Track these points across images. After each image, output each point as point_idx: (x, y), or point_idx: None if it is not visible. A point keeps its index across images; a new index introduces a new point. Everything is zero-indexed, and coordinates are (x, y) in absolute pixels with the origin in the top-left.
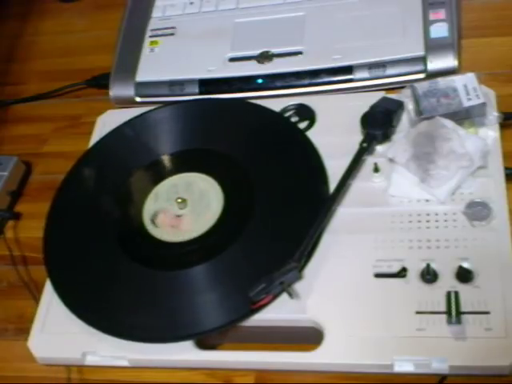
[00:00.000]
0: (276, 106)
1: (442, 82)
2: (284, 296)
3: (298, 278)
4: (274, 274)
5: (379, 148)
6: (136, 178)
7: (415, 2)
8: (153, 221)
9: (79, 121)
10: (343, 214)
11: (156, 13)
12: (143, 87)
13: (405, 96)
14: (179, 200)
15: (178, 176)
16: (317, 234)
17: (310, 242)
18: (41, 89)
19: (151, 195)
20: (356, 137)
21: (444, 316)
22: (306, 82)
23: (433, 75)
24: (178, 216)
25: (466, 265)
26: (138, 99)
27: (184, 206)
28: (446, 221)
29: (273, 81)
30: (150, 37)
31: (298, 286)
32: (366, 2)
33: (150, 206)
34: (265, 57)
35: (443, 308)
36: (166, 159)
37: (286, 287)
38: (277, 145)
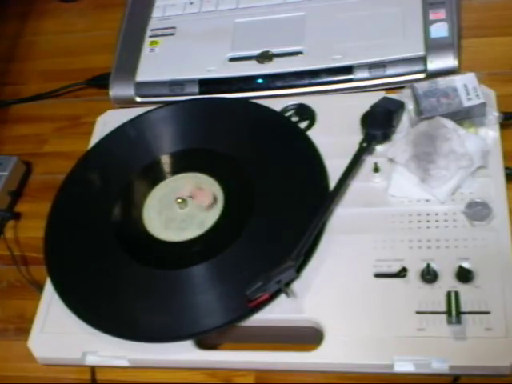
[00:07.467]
0: (276, 105)
1: (441, 81)
2: (284, 296)
3: (295, 276)
4: (271, 272)
5: (379, 148)
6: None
7: (415, 2)
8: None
9: (79, 121)
10: (343, 214)
11: (156, 13)
12: (143, 87)
13: (405, 96)
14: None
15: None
16: (315, 232)
17: (307, 240)
18: (41, 89)
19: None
20: (356, 137)
21: (444, 316)
22: (306, 82)
23: (433, 75)
24: (199, 189)
25: (466, 265)
26: (138, 99)
27: (184, 206)
28: (446, 221)
29: (273, 81)
30: (150, 37)
31: (299, 286)
32: (366, 1)
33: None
34: (265, 57)
35: (443, 308)
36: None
37: (283, 286)
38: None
